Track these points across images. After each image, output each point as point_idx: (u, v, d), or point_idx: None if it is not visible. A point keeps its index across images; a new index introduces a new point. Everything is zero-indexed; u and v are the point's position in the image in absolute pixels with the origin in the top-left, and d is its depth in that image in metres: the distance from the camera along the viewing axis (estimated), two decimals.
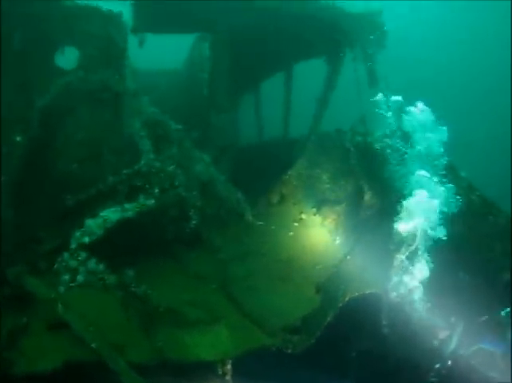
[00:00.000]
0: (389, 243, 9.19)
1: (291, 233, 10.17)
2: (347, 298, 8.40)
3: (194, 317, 8.22)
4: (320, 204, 10.64)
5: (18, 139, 8.65)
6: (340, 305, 8.35)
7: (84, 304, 7.74)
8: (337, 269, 9.22)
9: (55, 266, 7.41)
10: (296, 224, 10.40)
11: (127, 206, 7.97)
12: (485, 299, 8.62)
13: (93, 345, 7.29)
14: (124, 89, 8.87)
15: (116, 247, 7.93)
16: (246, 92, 13.40)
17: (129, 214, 7.87)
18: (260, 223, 10.35)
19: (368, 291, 8.59)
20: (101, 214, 7.72)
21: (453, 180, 9.17)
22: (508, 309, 8.69)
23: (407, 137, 9.47)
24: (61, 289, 7.53)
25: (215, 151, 10.07)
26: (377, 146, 9.69)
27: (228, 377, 7.79)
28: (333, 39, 10.88)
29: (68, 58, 9.32)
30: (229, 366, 7.82)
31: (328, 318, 8.31)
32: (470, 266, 8.83)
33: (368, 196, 9.98)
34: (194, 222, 8.93)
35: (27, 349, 7.36)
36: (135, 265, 8.52)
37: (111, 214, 7.74)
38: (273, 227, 10.31)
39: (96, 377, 7.37)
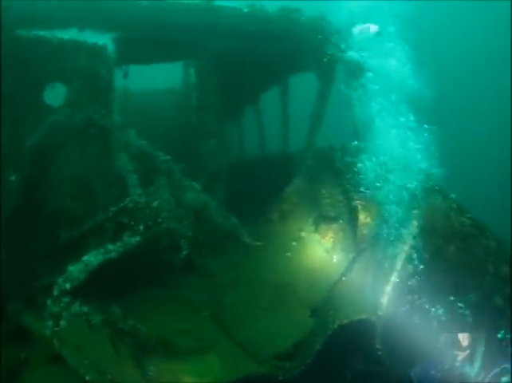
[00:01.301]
0: (383, 265, 9.57)
1: (288, 254, 10.62)
2: (336, 325, 8.78)
3: (184, 347, 8.79)
4: (319, 221, 11.07)
5: (13, 178, 9.33)
6: (330, 332, 8.75)
7: (79, 339, 8.42)
8: (329, 292, 9.62)
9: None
10: (294, 243, 10.86)
11: (110, 247, 8.52)
12: (479, 323, 8.88)
13: (87, 378, 7.99)
14: (110, 123, 9.44)
15: (106, 280, 8.53)
16: (238, 112, 13.90)
17: (112, 255, 8.42)
18: (258, 243, 10.87)
19: (358, 317, 8.95)
20: (83, 258, 8.26)
21: (442, 202, 9.51)
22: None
23: None
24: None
25: (206, 177, 10.59)
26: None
27: None
28: (321, 54, 11.21)
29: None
30: None
31: (318, 345, 8.74)
32: (462, 289, 9.10)
33: (362, 216, 10.34)
34: (184, 252, 9.42)
35: (26, 381, 8.15)
36: (127, 295, 9.24)
37: (93, 257, 8.30)
38: (270, 248, 10.83)
39: None
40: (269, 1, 10.72)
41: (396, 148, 10.02)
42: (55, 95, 9.77)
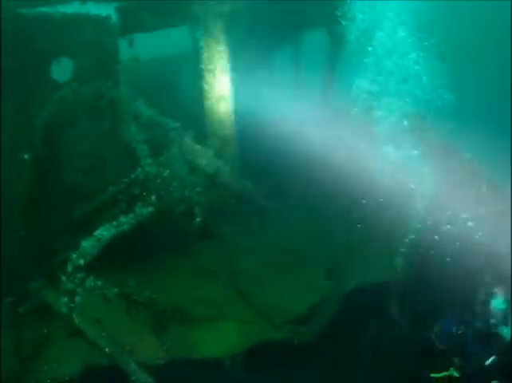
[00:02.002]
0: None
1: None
2: (350, 288, 9.02)
3: (201, 314, 9.20)
4: None
5: (26, 157, 9.64)
6: (343, 295, 8.99)
7: (97, 312, 8.87)
8: (346, 254, 9.82)
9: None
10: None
11: (122, 219, 8.80)
12: None
13: (107, 350, 8.46)
14: (118, 95, 9.59)
15: (121, 251, 8.89)
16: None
17: (125, 227, 8.71)
18: (273, 205, 11.09)
19: (372, 280, 9.16)
20: (95, 233, 8.57)
21: None
22: None
23: None
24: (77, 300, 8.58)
25: (219, 141, 10.73)
26: None
27: (237, 372, 8.73)
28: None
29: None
30: (237, 361, 8.76)
31: (332, 309, 9.00)
32: None
33: None
34: (198, 219, 9.67)
35: (49, 357, 8.69)
36: (144, 265, 9.66)
37: (105, 231, 8.59)
38: (286, 212, 11.06)
39: (111, 378, 8.51)
40: None
41: None
42: (63, 70, 9.96)
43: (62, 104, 9.53)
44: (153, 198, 9.06)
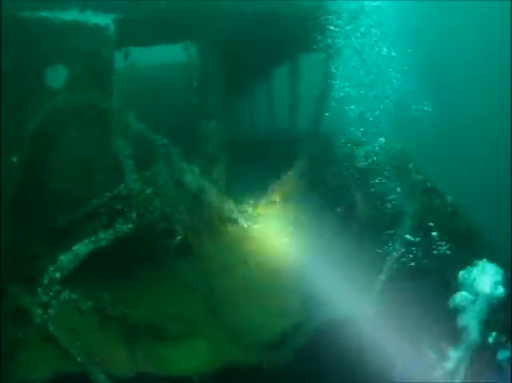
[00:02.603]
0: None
1: (285, 239, 11.10)
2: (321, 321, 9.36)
3: (173, 331, 9.52)
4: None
5: (15, 159, 9.92)
6: (315, 327, 9.33)
7: (72, 321, 9.17)
8: (321, 282, 10.12)
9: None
10: (292, 228, 11.33)
11: (101, 235, 9.11)
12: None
13: (78, 359, 8.77)
14: (110, 106, 9.86)
15: (99, 264, 9.18)
16: (246, 90, 14.16)
17: (103, 243, 9.01)
18: (255, 226, 11.36)
19: (343, 315, 9.48)
20: (74, 247, 8.88)
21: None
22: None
23: None
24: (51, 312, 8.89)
25: (206, 159, 11.03)
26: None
27: None
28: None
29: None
30: (206, 380, 9.08)
31: (303, 338, 9.34)
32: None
33: (361, 208, 10.74)
34: (179, 237, 9.95)
35: (23, 360, 8.99)
36: (120, 279, 9.90)
37: (83, 247, 8.91)
38: (268, 232, 11.33)
39: None
40: None
41: None
42: (58, 77, 10.24)
43: (53, 112, 9.83)
44: (134, 215, 9.37)
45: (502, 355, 8.69)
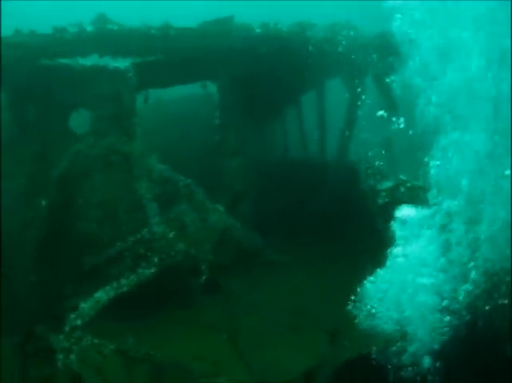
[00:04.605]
0: None
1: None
2: (345, 359, 9.74)
3: (199, 371, 10.11)
4: None
5: (43, 202, 10.82)
6: (338, 365, 9.72)
7: (98, 361, 9.93)
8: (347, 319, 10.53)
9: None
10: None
11: (123, 281, 9.83)
12: None
13: None
14: (132, 150, 10.63)
15: (123, 306, 9.92)
16: (271, 121, 14.72)
17: (124, 289, 9.73)
18: (284, 259, 11.92)
19: (367, 352, 9.83)
20: (95, 294, 9.62)
21: None
22: None
23: None
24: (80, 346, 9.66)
25: (231, 197, 11.66)
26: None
27: None
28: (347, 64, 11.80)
29: None
30: None
31: (326, 378, 9.76)
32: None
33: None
34: (204, 277, 10.60)
35: None
36: (147, 318, 10.63)
37: (104, 293, 9.64)
38: (296, 266, 11.88)
39: None
40: None
41: None
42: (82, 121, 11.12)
43: (77, 157, 10.67)
44: (156, 259, 10.06)
45: None
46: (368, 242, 11.36)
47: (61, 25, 10.50)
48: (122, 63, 10.75)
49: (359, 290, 10.57)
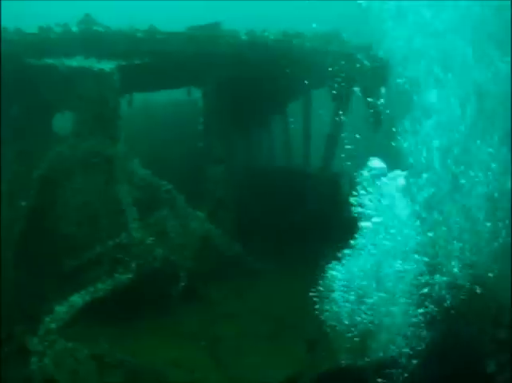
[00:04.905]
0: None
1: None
2: (324, 368, 9.76)
3: (175, 378, 10.05)
4: None
5: (23, 204, 10.78)
6: (317, 375, 9.73)
7: (73, 364, 9.86)
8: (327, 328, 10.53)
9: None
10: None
11: (99, 286, 9.79)
12: None
13: None
14: (115, 153, 10.62)
15: (100, 310, 9.87)
16: (256, 129, 14.81)
17: (100, 294, 9.69)
18: (265, 267, 11.91)
19: (348, 362, 9.84)
20: (71, 298, 9.57)
21: None
22: None
23: None
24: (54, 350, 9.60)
25: (213, 203, 11.67)
26: None
27: None
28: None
29: None
30: None
31: None
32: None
33: None
34: (182, 284, 10.57)
35: None
36: (124, 324, 10.58)
37: (80, 298, 9.60)
38: (277, 275, 11.87)
39: None
40: None
41: None
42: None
43: (59, 159, 10.65)
44: (133, 265, 10.03)
45: None
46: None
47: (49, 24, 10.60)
48: (107, 65, 10.79)
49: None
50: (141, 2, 39.93)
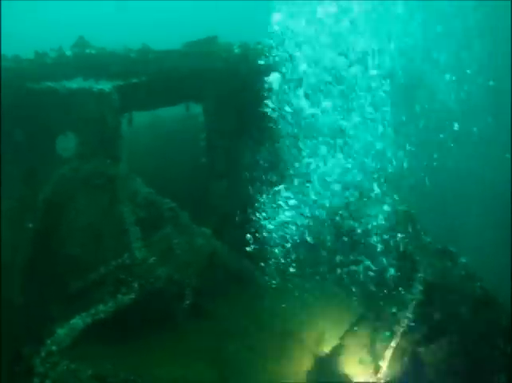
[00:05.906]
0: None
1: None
2: None
3: None
4: None
5: (30, 225, 11.15)
6: None
7: None
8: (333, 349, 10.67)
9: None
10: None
11: (100, 307, 10.04)
12: None
13: None
14: (116, 173, 10.91)
15: (103, 331, 10.14)
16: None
17: (101, 316, 9.95)
18: (272, 283, 12.03)
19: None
20: (71, 321, 9.84)
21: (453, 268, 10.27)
22: None
23: None
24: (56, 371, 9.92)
25: (218, 219, 11.85)
26: None
27: None
28: None
29: None
30: None
31: None
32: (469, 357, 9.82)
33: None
34: (187, 302, 10.76)
35: None
36: (127, 342, 10.81)
37: (80, 320, 9.86)
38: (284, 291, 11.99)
39: None
40: None
41: None
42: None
43: (62, 181, 10.98)
44: (136, 285, 10.25)
45: None
46: None
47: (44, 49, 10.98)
48: (106, 85, 11.10)
49: None
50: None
